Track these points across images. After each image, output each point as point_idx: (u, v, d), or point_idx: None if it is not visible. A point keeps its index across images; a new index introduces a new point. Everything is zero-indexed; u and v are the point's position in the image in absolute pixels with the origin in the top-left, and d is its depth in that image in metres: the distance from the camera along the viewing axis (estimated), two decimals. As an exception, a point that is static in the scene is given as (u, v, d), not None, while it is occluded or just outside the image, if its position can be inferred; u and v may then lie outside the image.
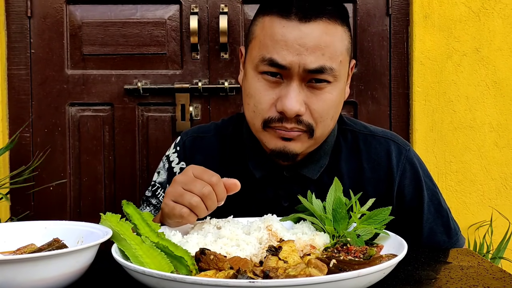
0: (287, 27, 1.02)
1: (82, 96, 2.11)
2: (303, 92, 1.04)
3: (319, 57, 1.02)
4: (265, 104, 1.05)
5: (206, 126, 1.32)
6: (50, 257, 0.74)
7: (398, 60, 2.13)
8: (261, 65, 1.05)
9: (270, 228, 0.91)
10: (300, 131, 1.06)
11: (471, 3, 2.08)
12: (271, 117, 1.05)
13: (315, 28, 1.02)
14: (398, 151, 1.18)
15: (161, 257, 0.79)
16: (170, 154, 1.29)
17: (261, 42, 1.05)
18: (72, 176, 2.11)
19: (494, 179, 2.10)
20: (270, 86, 1.05)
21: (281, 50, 1.02)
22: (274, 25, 1.04)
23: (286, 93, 1.03)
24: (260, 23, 1.08)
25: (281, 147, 1.07)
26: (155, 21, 2.10)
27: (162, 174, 1.27)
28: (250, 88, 1.08)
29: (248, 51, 1.11)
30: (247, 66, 1.10)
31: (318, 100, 1.05)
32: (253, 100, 1.07)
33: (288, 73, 1.03)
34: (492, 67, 2.09)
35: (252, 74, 1.08)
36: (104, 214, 0.87)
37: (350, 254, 0.82)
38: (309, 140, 1.08)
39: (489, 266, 0.90)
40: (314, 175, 1.15)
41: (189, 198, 0.93)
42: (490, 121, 2.10)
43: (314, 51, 1.02)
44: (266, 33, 1.05)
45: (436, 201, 1.18)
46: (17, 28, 2.09)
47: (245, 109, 1.12)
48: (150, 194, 1.27)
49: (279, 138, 1.07)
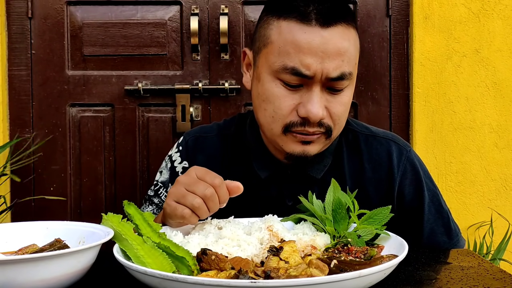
0: (309, 33, 1.02)
1: (83, 96, 2.11)
2: (324, 97, 1.05)
3: (340, 63, 1.03)
4: (286, 110, 1.05)
5: (209, 127, 1.32)
6: (51, 258, 0.74)
7: (398, 61, 2.14)
8: (283, 73, 1.04)
9: (271, 229, 0.92)
10: (319, 133, 1.07)
11: (471, 4, 2.09)
12: (293, 122, 1.05)
13: (335, 34, 1.02)
14: (399, 151, 1.18)
15: (162, 257, 0.79)
16: (173, 154, 1.29)
17: (281, 49, 1.04)
18: (72, 176, 2.11)
19: (494, 180, 2.11)
20: (290, 92, 1.05)
21: (304, 58, 1.01)
22: (294, 31, 1.03)
23: (309, 99, 1.03)
24: (276, 28, 1.06)
25: (300, 151, 1.08)
26: (155, 22, 2.11)
27: (165, 174, 1.28)
28: (267, 93, 1.07)
29: (262, 56, 1.09)
30: (262, 71, 1.09)
31: (337, 104, 1.06)
32: (271, 105, 1.06)
33: (310, 80, 1.03)
34: (492, 68, 2.10)
35: (269, 79, 1.06)
36: (105, 214, 0.87)
37: (351, 254, 0.82)
38: (326, 140, 1.10)
39: (489, 267, 0.91)
40: (318, 174, 1.16)
41: (192, 200, 0.93)
42: (490, 122, 2.10)
43: (336, 58, 1.02)
44: (285, 40, 1.03)
45: (436, 202, 1.18)
46: (17, 29, 2.10)
47: (259, 114, 1.10)
48: (152, 193, 1.27)
49: (298, 142, 1.07)
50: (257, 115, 1.12)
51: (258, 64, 1.10)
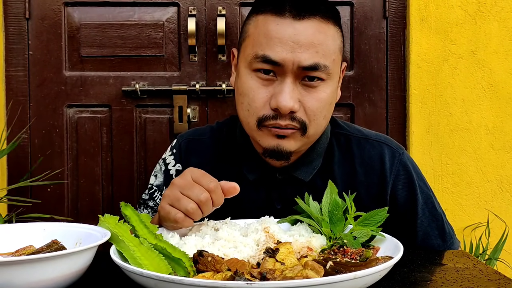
0: (281, 24, 1.03)
1: (80, 97, 2.11)
2: (297, 90, 1.04)
3: (313, 54, 1.02)
4: (259, 102, 1.05)
5: (202, 129, 1.32)
6: (48, 259, 0.74)
7: (394, 62, 2.15)
8: (255, 63, 1.05)
9: (268, 230, 0.92)
10: (293, 128, 1.06)
11: (467, 6, 2.09)
12: (266, 115, 1.05)
13: (308, 26, 1.03)
14: (391, 154, 1.18)
15: (159, 258, 0.79)
16: (167, 157, 1.30)
17: (255, 40, 1.06)
18: (69, 177, 2.11)
19: (490, 181, 2.12)
20: (264, 84, 1.05)
21: (275, 46, 1.02)
22: (268, 23, 1.05)
23: (280, 90, 1.03)
24: (253, 22, 1.09)
25: (274, 145, 1.07)
26: (153, 23, 2.11)
27: (159, 177, 1.28)
28: (243, 86, 1.08)
29: (241, 50, 1.11)
30: (240, 65, 1.10)
31: (312, 98, 1.05)
32: (246, 98, 1.07)
33: (281, 70, 1.03)
34: (488, 70, 2.11)
35: (245, 72, 1.08)
36: (102, 215, 0.87)
37: (346, 256, 0.83)
38: (302, 138, 1.08)
39: (484, 268, 0.91)
40: (307, 177, 1.15)
41: (186, 204, 0.93)
42: (486, 124, 2.11)
43: (308, 48, 1.02)
44: (260, 31, 1.05)
45: (430, 205, 1.18)
46: (15, 30, 2.10)
47: (238, 108, 1.11)
48: (147, 197, 1.27)
49: (273, 136, 1.07)
50: (237, 111, 1.13)
51: (239, 59, 1.12)
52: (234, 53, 1.18)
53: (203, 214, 0.95)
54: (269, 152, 1.08)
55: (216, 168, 1.16)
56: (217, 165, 1.21)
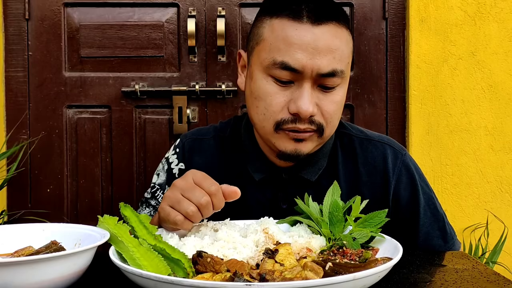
0: (300, 30, 1.03)
1: (80, 98, 2.11)
2: (315, 94, 1.05)
3: (331, 60, 1.03)
4: (276, 107, 1.05)
5: (205, 129, 1.32)
6: (48, 260, 0.74)
7: (394, 63, 2.15)
8: (273, 69, 1.04)
9: (267, 231, 0.92)
10: (311, 131, 1.07)
11: (467, 8, 2.10)
12: (284, 119, 1.06)
13: (326, 31, 1.03)
14: (394, 155, 1.19)
15: (158, 259, 0.79)
16: (170, 156, 1.30)
17: (272, 45, 1.05)
18: (69, 178, 2.11)
19: (490, 182, 2.12)
20: (281, 89, 1.05)
21: (294, 53, 1.02)
22: (286, 28, 1.04)
23: (299, 95, 1.03)
24: (268, 26, 1.07)
25: (292, 149, 1.08)
26: (152, 23, 2.11)
27: (162, 176, 1.28)
28: (259, 91, 1.07)
29: (255, 54, 1.10)
30: (254, 69, 1.10)
31: (329, 102, 1.07)
32: (263, 103, 1.07)
33: (300, 76, 1.04)
34: (487, 71, 2.11)
35: (261, 77, 1.07)
36: (101, 216, 0.87)
37: (346, 257, 0.83)
38: (318, 139, 1.10)
39: (484, 269, 0.91)
40: (313, 177, 1.16)
41: (186, 207, 0.93)
42: (485, 125, 2.11)
43: (326, 54, 1.03)
44: (277, 36, 1.05)
45: (432, 206, 1.18)
46: (15, 30, 2.10)
47: (252, 112, 1.11)
48: (149, 196, 1.27)
49: (291, 140, 1.07)
50: (250, 114, 1.12)
51: (251, 62, 1.11)
52: (241, 54, 1.18)
53: (203, 216, 0.94)
54: (286, 155, 1.09)
55: (220, 168, 1.17)
56: (221, 165, 1.21)
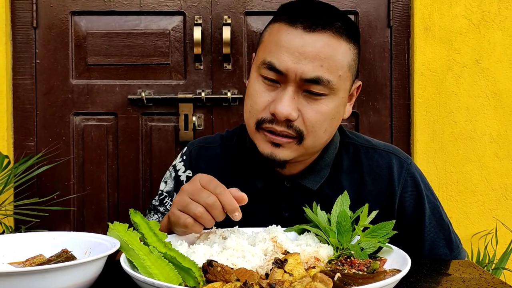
0: (291, 34, 1.05)
1: (86, 105, 2.13)
2: (298, 99, 1.06)
3: (317, 67, 1.03)
4: (260, 105, 1.08)
5: (212, 137, 1.34)
6: (59, 269, 0.75)
7: (399, 71, 2.16)
8: (262, 68, 1.08)
9: (275, 240, 0.93)
10: (289, 136, 1.07)
11: (471, 16, 2.11)
12: (264, 118, 1.07)
13: (317, 39, 1.04)
14: (399, 164, 1.19)
15: (169, 268, 0.80)
16: (177, 164, 1.31)
17: (266, 47, 1.09)
18: (75, 185, 2.13)
19: (495, 189, 2.12)
20: (268, 89, 1.08)
21: (281, 55, 1.04)
22: (280, 32, 1.07)
23: (280, 97, 1.05)
24: (269, 29, 1.12)
25: (268, 152, 1.08)
26: (159, 32, 2.13)
27: (169, 183, 1.29)
28: (250, 89, 1.11)
29: (256, 55, 1.15)
30: (252, 69, 1.14)
31: (312, 110, 1.06)
32: (250, 100, 1.10)
33: (285, 79, 1.05)
34: (492, 79, 2.12)
35: (254, 76, 1.11)
36: (107, 223, 0.88)
37: (354, 267, 0.83)
38: (298, 147, 1.08)
39: (490, 278, 0.92)
40: (314, 186, 1.16)
41: (194, 208, 0.94)
42: (490, 132, 2.12)
43: (313, 61, 1.03)
44: (272, 39, 1.08)
45: (437, 215, 1.19)
46: (22, 38, 2.12)
47: (244, 110, 1.14)
48: (157, 203, 1.28)
49: (268, 142, 1.08)
50: (244, 112, 1.15)
51: (253, 63, 1.16)
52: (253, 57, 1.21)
53: (214, 219, 0.95)
54: (264, 158, 1.10)
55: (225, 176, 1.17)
56: (227, 174, 1.22)
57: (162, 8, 2.13)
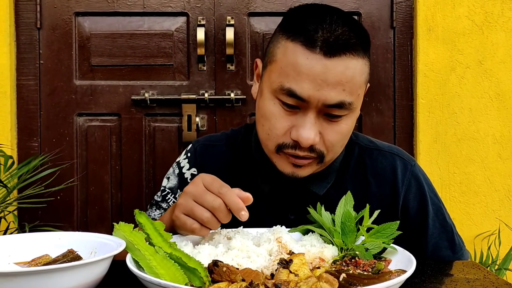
0: (311, 59, 1.01)
1: (90, 106, 2.14)
2: (319, 123, 1.04)
3: (340, 92, 1.01)
4: (280, 130, 1.05)
5: (217, 136, 1.33)
6: (66, 269, 0.75)
7: (402, 72, 2.16)
8: (280, 93, 1.04)
9: (280, 240, 0.93)
10: (311, 158, 1.07)
11: (474, 17, 2.11)
12: (285, 143, 1.06)
13: (338, 64, 1.01)
14: (403, 166, 1.19)
15: (175, 268, 0.80)
16: (181, 160, 1.30)
17: (282, 69, 1.04)
18: (79, 185, 2.13)
19: (498, 190, 2.12)
20: (286, 113, 1.05)
21: (302, 82, 1.01)
22: (297, 55, 1.02)
23: (302, 123, 1.03)
24: (282, 47, 1.06)
25: (290, 172, 1.08)
26: (162, 32, 2.13)
27: (172, 180, 1.28)
28: (265, 110, 1.07)
29: (267, 72, 1.10)
30: (264, 87, 1.09)
31: (333, 131, 1.05)
32: (268, 123, 1.07)
33: (306, 105, 1.03)
34: (495, 80, 2.12)
35: (269, 97, 1.07)
36: (110, 223, 0.88)
37: (358, 267, 0.83)
38: (318, 165, 1.09)
39: (495, 279, 0.92)
40: (321, 191, 1.16)
41: (200, 214, 0.93)
42: (493, 133, 2.12)
43: (335, 87, 1.01)
44: (288, 61, 1.03)
45: (441, 216, 1.18)
46: (26, 39, 2.12)
47: (258, 128, 1.11)
48: (160, 198, 1.28)
49: (290, 163, 1.08)
50: (257, 128, 1.13)
51: (263, 79, 1.11)
52: (257, 63, 1.18)
53: (219, 221, 0.94)
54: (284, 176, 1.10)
55: (230, 176, 1.17)
56: (232, 174, 1.21)
57: (166, 9, 2.13)
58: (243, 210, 0.92)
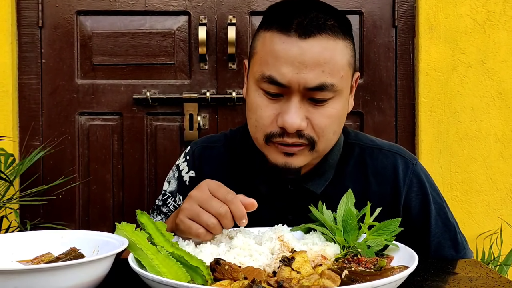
0: (287, 43, 1.01)
1: (92, 105, 2.14)
2: (304, 107, 1.04)
3: (319, 74, 1.01)
4: (266, 119, 1.05)
5: (216, 136, 1.32)
6: (68, 267, 0.75)
7: (404, 71, 2.16)
8: (262, 82, 1.04)
9: (282, 239, 0.93)
10: (301, 145, 1.06)
11: (476, 15, 2.11)
12: (273, 132, 1.05)
13: (314, 44, 1.01)
14: (405, 165, 1.18)
15: (177, 266, 0.80)
16: (180, 163, 1.30)
17: (262, 58, 1.05)
18: (81, 184, 2.13)
19: (500, 189, 2.12)
20: (270, 101, 1.05)
21: (280, 67, 1.01)
22: (274, 41, 1.03)
23: (286, 109, 1.02)
24: (261, 38, 1.08)
25: (282, 162, 1.07)
26: (164, 31, 2.14)
27: (172, 184, 1.28)
28: (252, 103, 1.08)
29: (250, 66, 1.11)
30: (249, 80, 1.11)
31: (320, 115, 1.04)
32: (254, 115, 1.07)
33: (287, 90, 1.03)
34: (497, 79, 2.11)
35: (253, 89, 1.07)
36: (112, 222, 0.88)
37: (361, 265, 0.84)
38: (311, 153, 1.08)
39: (498, 277, 0.92)
40: (318, 189, 1.15)
41: (207, 219, 0.93)
42: (495, 132, 2.12)
43: (314, 68, 1.01)
44: (266, 49, 1.04)
45: (443, 215, 1.18)
46: (28, 38, 2.13)
47: (248, 122, 1.12)
48: (161, 203, 1.28)
49: (281, 153, 1.07)
50: (248, 125, 1.13)
51: (249, 75, 1.12)
52: (245, 64, 1.18)
53: (223, 227, 0.94)
54: (278, 168, 1.09)
55: (229, 177, 1.17)
56: (230, 175, 1.21)
57: (167, 8, 2.13)
58: (244, 218, 0.93)
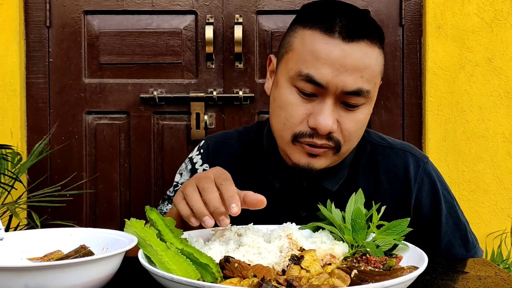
0: (330, 44, 1.01)
1: (99, 104, 2.14)
2: (336, 110, 1.04)
3: (358, 79, 1.01)
4: (296, 118, 1.05)
5: (230, 133, 1.33)
6: (78, 264, 0.76)
7: (411, 70, 2.15)
8: (297, 80, 1.03)
9: (291, 237, 0.93)
10: (328, 147, 1.06)
11: (483, 14, 2.10)
12: (302, 132, 1.05)
13: (356, 49, 1.01)
14: (415, 163, 1.18)
15: (187, 263, 0.80)
16: (194, 156, 1.30)
17: (300, 56, 1.04)
18: (88, 183, 2.14)
19: (507, 188, 2.11)
20: (303, 101, 1.04)
21: (321, 67, 1.00)
22: (315, 41, 1.02)
23: (320, 110, 1.02)
24: (299, 36, 1.06)
25: (305, 163, 1.07)
26: (171, 31, 2.14)
27: (185, 175, 1.28)
28: (282, 99, 1.07)
29: (283, 62, 1.09)
30: (280, 77, 1.09)
31: (350, 120, 1.05)
32: (284, 112, 1.06)
33: (324, 91, 1.02)
34: (504, 77, 2.10)
35: (285, 86, 1.06)
36: (119, 221, 0.88)
37: (370, 264, 0.83)
38: (334, 156, 1.08)
39: (507, 276, 0.91)
40: (333, 187, 1.15)
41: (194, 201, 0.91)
42: (502, 131, 2.11)
43: (353, 73, 1.01)
44: (306, 47, 1.03)
45: (454, 214, 1.18)
46: (36, 38, 2.14)
47: (273, 119, 1.11)
48: (172, 194, 1.28)
49: (305, 153, 1.07)
50: (272, 121, 1.12)
51: (279, 69, 1.11)
52: (271, 59, 1.17)
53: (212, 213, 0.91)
54: (299, 168, 1.08)
55: (242, 173, 1.17)
56: (244, 171, 1.21)
57: (174, 7, 2.14)
58: (234, 203, 0.89)
